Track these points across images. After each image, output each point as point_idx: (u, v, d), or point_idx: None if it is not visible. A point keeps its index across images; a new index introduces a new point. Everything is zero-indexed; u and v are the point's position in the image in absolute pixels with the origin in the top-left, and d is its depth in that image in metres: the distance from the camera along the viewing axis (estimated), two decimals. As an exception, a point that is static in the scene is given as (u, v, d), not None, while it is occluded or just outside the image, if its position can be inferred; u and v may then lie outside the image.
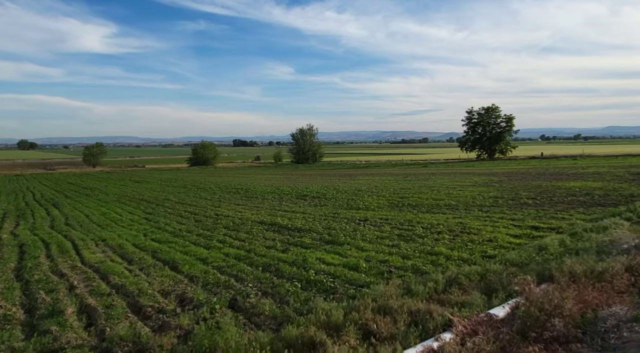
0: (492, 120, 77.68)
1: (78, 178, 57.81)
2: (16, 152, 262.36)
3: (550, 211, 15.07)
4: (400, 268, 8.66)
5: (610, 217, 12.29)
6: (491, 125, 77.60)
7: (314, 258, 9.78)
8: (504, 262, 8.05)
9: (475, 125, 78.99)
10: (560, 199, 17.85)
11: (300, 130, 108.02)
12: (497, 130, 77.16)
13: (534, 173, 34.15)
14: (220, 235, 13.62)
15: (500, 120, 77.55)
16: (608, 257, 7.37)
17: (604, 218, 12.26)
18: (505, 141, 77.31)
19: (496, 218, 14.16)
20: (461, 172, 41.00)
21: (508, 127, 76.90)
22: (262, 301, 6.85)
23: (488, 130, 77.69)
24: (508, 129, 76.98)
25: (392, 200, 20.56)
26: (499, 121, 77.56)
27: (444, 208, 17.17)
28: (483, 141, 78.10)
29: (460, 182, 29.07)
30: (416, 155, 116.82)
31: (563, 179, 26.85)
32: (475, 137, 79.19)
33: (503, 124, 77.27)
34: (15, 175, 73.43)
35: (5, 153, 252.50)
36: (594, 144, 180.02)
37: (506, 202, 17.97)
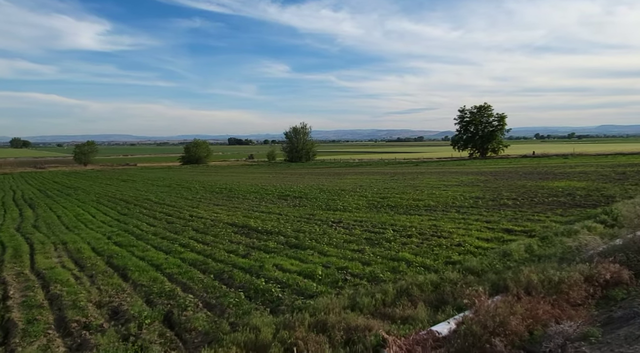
0: (484, 118, 77.41)
1: (65, 177, 57.07)
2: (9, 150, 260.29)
3: (528, 213, 14.70)
4: (357, 276, 8.23)
5: (585, 219, 11.94)
6: (483, 124, 77.34)
7: (272, 264, 9.34)
8: (463, 270, 7.64)
9: (467, 124, 78.68)
10: (541, 200, 17.49)
11: (294, 128, 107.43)
12: (489, 129, 76.88)
13: (522, 172, 33.84)
14: (185, 239, 13.16)
15: (492, 119, 77.29)
16: (570, 265, 6.97)
17: (578, 221, 11.91)
18: (498, 140, 77.02)
19: (472, 220, 13.77)
20: (450, 171, 40.67)
21: (500, 126, 76.66)
22: (198, 315, 6.40)
23: (480, 128, 77.43)
24: (500, 128, 76.72)
25: (372, 201, 20.14)
26: (491, 120, 77.31)
27: (422, 210, 16.77)
28: (475, 140, 77.82)
29: (446, 182, 28.71)
30: (410, 154, 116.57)
31: (549, 179, 26.53)
32: (468, 135, 78.91)
33: (495, 122, 77.02)
34: (2, 174, 72.54)
35: None
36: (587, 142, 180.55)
37: (486, 203, 17.59)
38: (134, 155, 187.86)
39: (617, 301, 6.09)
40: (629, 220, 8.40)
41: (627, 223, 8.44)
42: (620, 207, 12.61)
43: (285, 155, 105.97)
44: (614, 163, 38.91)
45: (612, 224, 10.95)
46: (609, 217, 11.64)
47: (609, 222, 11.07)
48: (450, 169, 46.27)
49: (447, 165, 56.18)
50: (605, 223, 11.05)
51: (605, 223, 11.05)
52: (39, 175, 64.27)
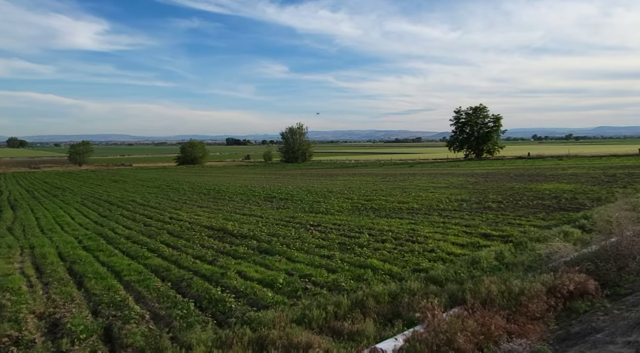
0: (480, 120, 77.16)
1: (57, 178, 56.63)
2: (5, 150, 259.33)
3: (511, 216, 14.39)
4: (319, 285, 7.91)
5: (565, 224, 11.64)
6: (479, 125, 77.11)
7: (235, 271, 9.01)
8: (427, 279, 7.32)
9: (463, 125, 78.43)
10: (525, 203, 17.18)
11: (290, 129, 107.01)
12: (484, 130, 76.63)
13: (514, 174, 33.56)
14: (157, 243, 12.82)
15: (488, 120, 77.02)
16: (534, 275, 6.65)
17: (557, 225, 11.61)
18: (493, 141, 76.77)
19: (452, 224, 13.45)
20: (442, 173, 40.39)
21: (496, 127, 76.36)
22: (140, 328, 6.06)
23: (476, 130, 77.19)
24: (496, 129, 76.44)
25: (357, 203, 19.81)
26: (487, 121, 77.04)
27: (405, 213, 16.45)
28: (471, 141, 77.57)
29: (435, 183, 28.41)
30: (406, 154, 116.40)
31: (539, 181, 26.24)
32: (463, 137, 78.66)
33: (491, 123, 76.74)
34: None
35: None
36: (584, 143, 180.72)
37: (470, 206, 17.28)
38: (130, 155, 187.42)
39: (579, 314, 5.78)
40: (602, 226, 8.09)
41: (599, 230, 8.13)
42: (601, 211, 12.30)
43: (282, 155, 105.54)
44: (606, 165, 38.69)
45: (590, 229, 10.63)
46: (589, 221, 11.33)
47: (588, 227, 10.76)
48: (443, 170, 46.00)
49: (441, 167, 55.92)
50: (584, 228, 10.75)
51: (584, 228, 10.75)
52: (31, 176, 63.82)
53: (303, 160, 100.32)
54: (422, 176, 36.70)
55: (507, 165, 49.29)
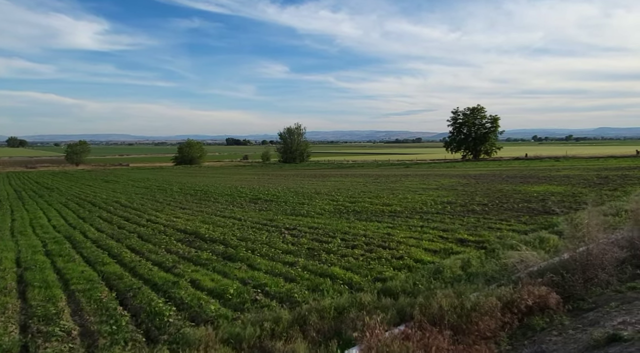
0: (477, 120, 76.58)
1: (50, 178, 56.17)
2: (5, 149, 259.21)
3: (493, 220, 13.89)
4: (270, 296, 7.43)
5: (544, 229, 11.16)
6: (476, 126, 76.53)
7: (189, 280, 8.54)
8: (383, 291, 6.84)
9: (460, 126, 77.85)
10: (510, 206, 16.67)
11: (288, 129, 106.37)
12: (482, 131, 76.04)
13: (507, 175, 33.03)
14: (122, 248, 12.34)
15: (485, 121, 76.44)
16: (493, 287, 6.16)
17: (536, 231, 11.13)
18: (491, 142, 76.17)
19: (430, 228, 12.95)
20: (436, 174, 39.87)
21: (493, 128, 75.79)
22: (61, 347, 5.57)
23: (473, 130, 76.61)
24: (493, 130, 75.87)
25: (340, 205, 19.31)
26: (484, 122, 76.46)
27: (386, 216, 15.94)
28: (468, 142, 76.98)
29: (426, 185, 27.90)
30: (404, 155, 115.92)
31: (530, 183, 25.73)
32: (461, 137, 78.10)
33: (488, 124, 76.15)
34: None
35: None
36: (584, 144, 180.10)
37: (454, 209, 16.77)
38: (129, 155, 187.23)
39: (535, 332, 5.29)
40: (572, 233, 7.60)
41: (570, 237, 7.64)
42: (582, 215, 11.79)
43: (280, 156, 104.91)
44: (601, 166, 38.15)
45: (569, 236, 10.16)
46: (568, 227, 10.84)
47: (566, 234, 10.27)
48: (438, 171, 45.49)
49: (437, 168, 55.42)
50: (562, 234, 10.24)
51: (562, 234, 10.24)
52: (25, 175, 63.39)
53: (301, 161, 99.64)
54: (415, 177, 36.19)
55: (503, 166, 48.77)
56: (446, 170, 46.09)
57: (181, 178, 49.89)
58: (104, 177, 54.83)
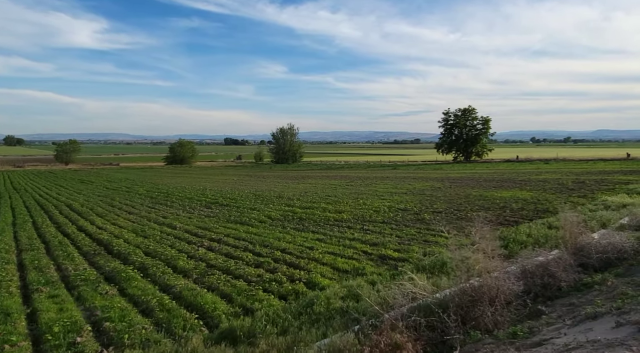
0: (468, 122, 75.34)
1: (28, 177, 54.98)
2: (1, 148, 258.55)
3: (436, 230, 12.66)
4: (99, 337, 6.18)
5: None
6: (468, 127, 75.29)
7: (28, 312, 7.29)
8: (223, 333, 5.60)
9: (451, 127, 76.63)
10: (464, 215, 15.42)
11: (281, 129, 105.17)
12: (473, 132, 74.80)
13: (485, 179, 31.78)
14: (9, 264, 11.07)
15: (476, 122, 75.16)
16: (339, 335, 4.93)
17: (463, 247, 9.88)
18: (482, 143, 74.87)
19: (361, 240, 11.70)
20: (417, 176, 38.62)
21: (485, 129, 74.50)
22: None
23: (465, 132, 75.38)
24: (485, 131, 74.60)
25: (290, 212, 18.07)
26: (476, 123, 75.19)
27: (327, 225, 14.68)
28: (459, 143, 75.71)
29: (397, 189, 26.67)
30: (398, 156, 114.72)
31: (504, 187, 24.50)
32: (452, 139, 76.87)
33: (480, 125, 74.88)
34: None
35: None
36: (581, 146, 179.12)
37: (404, 217, 15.53)
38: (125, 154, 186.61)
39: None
40: (458, 267, 6.37)
41: (457, 268, 6.41)
42: (523, 229, 10.58)
43: (272, 156, 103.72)
44: (585, 170, 36.93)
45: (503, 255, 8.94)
46: (503, 242, 9.61)
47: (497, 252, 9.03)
48: (423, 173, 44.31)
49: (425, 169, 54.27)
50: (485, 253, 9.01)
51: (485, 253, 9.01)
52: (5, 174, 62.24)
53: (293, 161, 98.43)
54: (393, 180, 34.97)
55: (490, 169, 47.59)
56: (430, 173, 44.91)
57: (160, 179, 48.67)
58: (83, 178, 53.64)
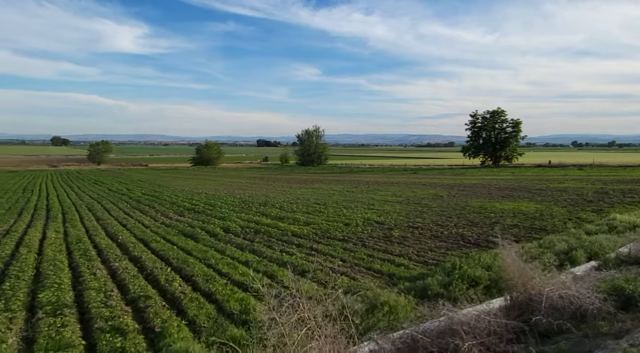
0: (497, 124, 71.23)
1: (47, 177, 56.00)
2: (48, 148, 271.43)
3: (395, 253, 10.55)
4: None
5: (432, 276, 7.81)
6: (497, 130, 71.22)
7: None
8: None
9: (479, 130, 72.77)
10: (441, 232, 13.15)
11: (306, 131, 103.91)
12: (502, 136, 70.67)
13: (499, 186, 28.91)
14: None
15: (506, 125, 71.01)
16: None
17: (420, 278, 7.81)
18: (511, 147, 70.60)
19: (293, 267, 9.78)
20: (427, 182, 36.00)
21: (515, 133, 70.21)
22: None
23: (493, 135, 71.35)
24: (515, 134, 70.30)
25: (254, 223, 16.29)
26: (505, 126, 71.04)
27: (280, 241, 12.79)
28: (487, 147, 71.67)
29: (394, 197, 24.43)
30: (425, 159, 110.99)
31: (512, 197, 21.81)
32: (479, 142, 72.97)
33: (509, 128, 70.68)
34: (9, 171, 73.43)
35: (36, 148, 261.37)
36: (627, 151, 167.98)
37: (373, 233, 13.42)
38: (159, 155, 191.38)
39: None
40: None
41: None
42: (485, 258, 8.34)
43: (297, 158, 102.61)
44: (618, 177, 33.21)
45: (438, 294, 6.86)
46: (448, 276, 7.47)
47: (434, 291, 6.94)
48: (436, 179, 41.52)
49: (444, 174, 51.31)
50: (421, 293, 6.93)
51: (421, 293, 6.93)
52: (32, 174, 63.94)
53: (318, 164, 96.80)
54: (400, 186, 32.60)
55: (515, 175, 44.15)
56: (447, 178, 42.03)
57: (171, 181, 48.11)
58: (101, 178, 54.02)
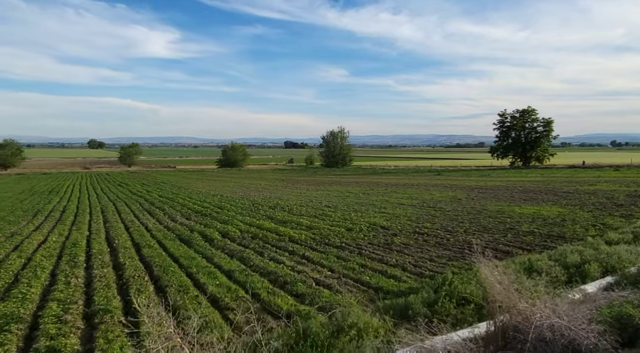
0: (527, 124, 68.40)
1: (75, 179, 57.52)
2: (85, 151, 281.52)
3: (387, 263, 9.73)
4: None
5: (417, 293, 7.00)
6: (527, 130, 68.39)
7: None
8: None
9: (508, 130, 70.10)
10: (445, 241, 12.16)
11: (331, 132, 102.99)
12: (533, 135, 67.76)
13: (523, 188, 27.35)
14: None
15: (537, 124, 68.08)
16: None
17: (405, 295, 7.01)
18: (543, 147, 67.61)
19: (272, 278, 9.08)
20: (448, 184, 34.57)
21: (546, 132, 67.18)
22: None
23: (523, 135, 68.55)
24: (546, 134, 67.26)
25: (257, 228, 15.76)
26: (536, 125, 68.12)
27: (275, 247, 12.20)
28: (517, 147, 68.91)
29: (409, 200, 23.40)
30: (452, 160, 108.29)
31: (536, 200, 20.45)
32: (508, 142, 70.28)
33: (540, 128, 67.73)
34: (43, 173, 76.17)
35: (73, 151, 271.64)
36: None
37: (374, 240, 12.60)
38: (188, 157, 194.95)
39: None
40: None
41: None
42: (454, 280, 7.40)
43: (322, 160, 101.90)
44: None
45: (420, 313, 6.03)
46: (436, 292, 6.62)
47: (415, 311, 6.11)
48: (459, 180, 39.97)
49: (469, 175, 49.53)
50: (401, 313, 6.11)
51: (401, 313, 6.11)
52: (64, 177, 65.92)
53: (343, 165, 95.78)
54: (418, 188, 31.43)
55: (544, 176, 42.03)
56: (470, 180, 40.40)
57: (192, 183, 48.40)
58: (125, 180, 55.00)
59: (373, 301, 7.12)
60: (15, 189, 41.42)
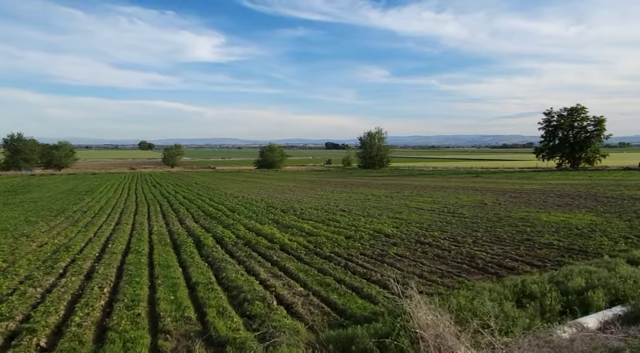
0: (576, 123, 63.93)
1: (117, 180, 59.66)
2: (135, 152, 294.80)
3: (372, 280, 8.69)
4: None
5: (371, 323, 5.97)
6: (575, 129, 63.93)
7: None
8: None
9: (554, 129, 65.87)
10: (449, 253, 10.88)
11: (369, 133, 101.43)
12: (583, 135, 63.23)
13: (561, 193, 25.11)
14: None
15: (587, 123, 63.50)
16: None
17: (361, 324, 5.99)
18: (593, 148, 62.95)
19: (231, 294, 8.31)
20: (481, 187, 32.50)
21: (597, 131, 62.50)
22: None
23: (571, 134, 64.13)
24: (597, 134, 62.56)
25: (255, 233, 15.11)
26: (585, 124, 63.55)
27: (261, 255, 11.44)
28: (564, 148, 64.57)
29: (432, 204, 21.97)
30: (494, 161, 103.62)
31: (570, 206, 18.50)
32: (555, 143, 66.03)
33: (591, 127, 63.14)
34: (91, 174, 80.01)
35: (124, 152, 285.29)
36: None
37: (367, 250, 11.52)
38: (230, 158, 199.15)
39: None
40: None
41: None
42: (460, 296, 6.24)
43: (359, 161, 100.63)
44: None
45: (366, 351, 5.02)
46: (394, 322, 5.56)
47: (360, 348, 5.10)
48: (494, 183, 37.63)
49: (509, 178, 46.77)
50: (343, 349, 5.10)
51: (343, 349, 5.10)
52: (107, 177, 68.74)
53: (380, 166, 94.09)
54: (448, 191, 29.73)
55: (592, 179, 38.87)
56: (507, 183, 37.96)
57: (224, 184, 48.72)
58: (160, 181, 56.36)
59: (333, 327, 6.16)
60: (58, 189, 43.27)
